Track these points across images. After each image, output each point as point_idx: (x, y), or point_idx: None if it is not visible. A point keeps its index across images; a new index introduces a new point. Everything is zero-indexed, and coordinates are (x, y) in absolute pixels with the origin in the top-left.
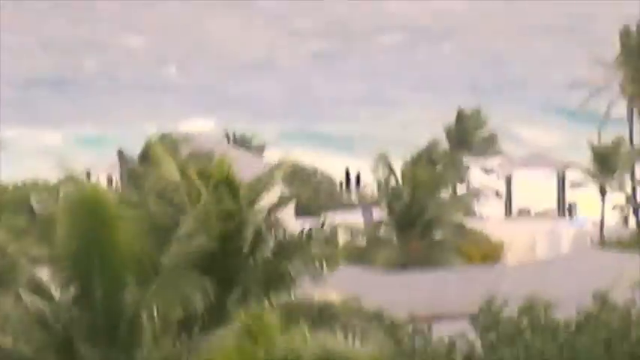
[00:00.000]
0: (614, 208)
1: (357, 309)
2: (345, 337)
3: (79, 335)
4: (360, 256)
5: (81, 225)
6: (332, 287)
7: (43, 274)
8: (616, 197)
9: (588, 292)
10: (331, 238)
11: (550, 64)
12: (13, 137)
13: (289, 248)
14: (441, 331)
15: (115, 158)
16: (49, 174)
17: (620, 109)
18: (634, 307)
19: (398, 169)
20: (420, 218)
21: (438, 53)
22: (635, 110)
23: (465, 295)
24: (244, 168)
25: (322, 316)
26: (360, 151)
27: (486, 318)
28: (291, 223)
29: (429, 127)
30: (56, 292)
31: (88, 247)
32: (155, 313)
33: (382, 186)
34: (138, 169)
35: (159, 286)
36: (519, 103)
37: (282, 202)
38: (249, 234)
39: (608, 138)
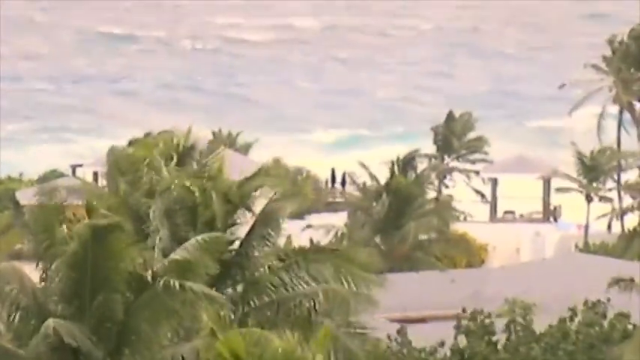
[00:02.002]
0: (598, 218)
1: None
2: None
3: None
4: None
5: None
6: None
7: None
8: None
9: (570, 294)
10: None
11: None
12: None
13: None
14: (427, 333)
15: (101, 154)
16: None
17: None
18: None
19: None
20: (403, 221)
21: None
22: (624, 115)
23: (450, 298)
24: (231, 167)
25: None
26: (350, 151)
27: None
28: None
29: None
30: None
31: (83, 253)
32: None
33: (366, 189)
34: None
35: (148, 296)
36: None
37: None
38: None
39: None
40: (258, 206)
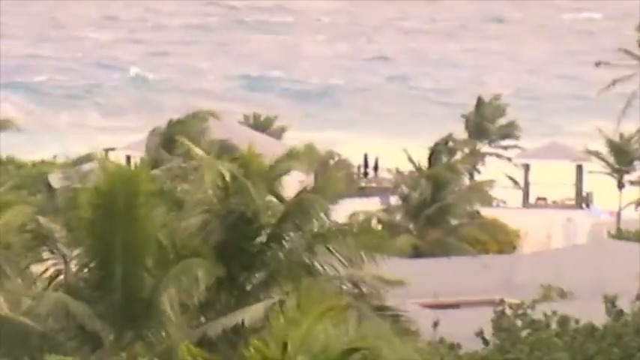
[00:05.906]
0: (627, 205)
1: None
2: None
3: (96, 314)
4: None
5: (106, 204)
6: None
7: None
8: (636, 188)
9: (602, 281)
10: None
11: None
12: None
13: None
14: (459, 319)
15: (133, 139)
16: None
17: None
18: None
19: (419, 153)
20: (436, 206)
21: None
22: None
23: (483, 283)
24: (263, 151)
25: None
26: (381, 134)
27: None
28: None
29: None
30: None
31: (112, 227)
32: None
33: (400, 174)
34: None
35: (177, 270)
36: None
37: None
38: (266, 220)
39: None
40: (289, 191)
